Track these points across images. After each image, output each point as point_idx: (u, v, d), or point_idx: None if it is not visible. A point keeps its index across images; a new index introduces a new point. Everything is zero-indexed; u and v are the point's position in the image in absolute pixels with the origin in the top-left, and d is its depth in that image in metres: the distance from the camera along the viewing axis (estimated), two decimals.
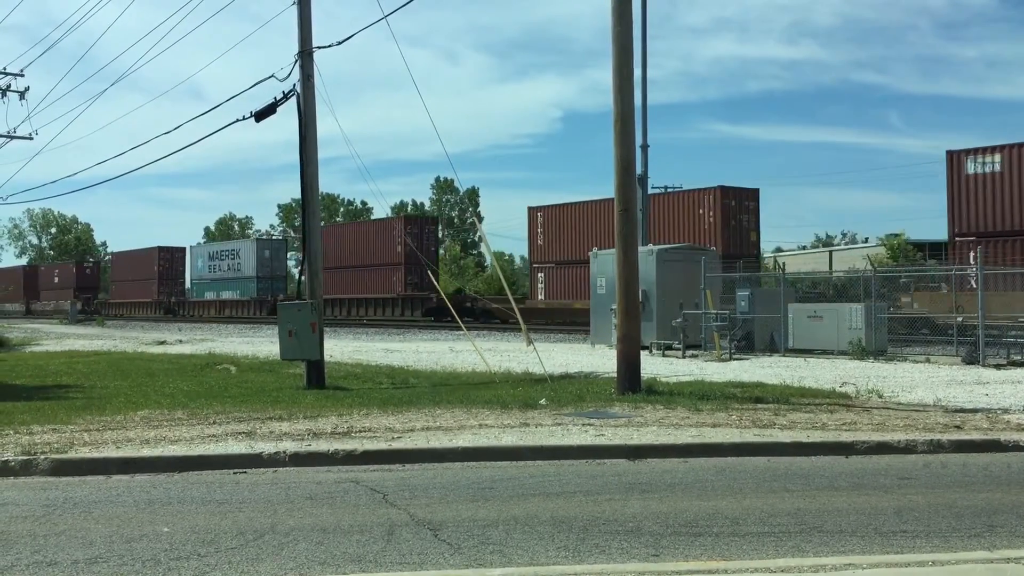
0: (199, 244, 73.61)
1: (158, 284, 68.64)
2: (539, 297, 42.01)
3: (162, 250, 70.69)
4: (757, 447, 9.39)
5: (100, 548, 6.02)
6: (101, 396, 14.09)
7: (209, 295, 64.22)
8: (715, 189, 35.23)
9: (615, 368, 13.82)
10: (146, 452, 9.05)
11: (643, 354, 14.84)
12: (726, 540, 6.11)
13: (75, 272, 79.61)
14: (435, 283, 24.44)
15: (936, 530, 6.35)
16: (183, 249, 70.55)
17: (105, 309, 72.67)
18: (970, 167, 27.90)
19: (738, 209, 35.31)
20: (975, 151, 27.97)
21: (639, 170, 24.00)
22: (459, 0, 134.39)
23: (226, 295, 62.04)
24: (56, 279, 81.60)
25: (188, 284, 69.63)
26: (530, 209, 43.01)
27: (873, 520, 6.63)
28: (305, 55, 15.75)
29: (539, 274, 42.34)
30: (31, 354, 26.98)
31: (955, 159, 28.42)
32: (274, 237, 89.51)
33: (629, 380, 13.30)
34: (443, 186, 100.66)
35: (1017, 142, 27.45)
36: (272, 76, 15.72)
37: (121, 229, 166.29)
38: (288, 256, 67.28)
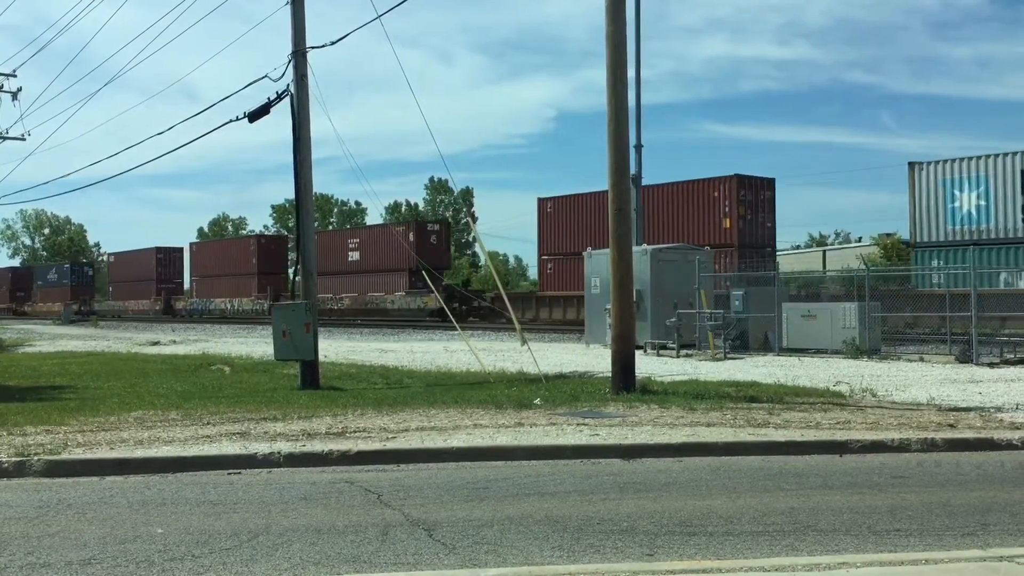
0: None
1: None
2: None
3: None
4: (751, 446, 9.41)
5: (94, 549, 6.00)
6: (95, 397, 14.05)
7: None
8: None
9: (609, 368, 13.82)
10: (140, 453, 9.03)
11: (637, 354, 14.83)
12: (720, 539, 6.11)
13: (414, 240, 46.59)
14: (429, 284, 24.51)
15: (930, 528, 6.36)
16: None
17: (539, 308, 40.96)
18: None
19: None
20: None
21: (633, 170, 23.98)
22: (453, 0, 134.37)
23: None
24: (360, 253, 50.95)
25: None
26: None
27: (867, 519, 6.64)
28: (299, 55, 15.73)
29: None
30: (24, 355, 26.92)
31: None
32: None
33: (623, 380, 13.30)
34: (437, 186, 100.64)
35: None
36: (266, 76, 15.73)
37: (114, 230, 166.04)
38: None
